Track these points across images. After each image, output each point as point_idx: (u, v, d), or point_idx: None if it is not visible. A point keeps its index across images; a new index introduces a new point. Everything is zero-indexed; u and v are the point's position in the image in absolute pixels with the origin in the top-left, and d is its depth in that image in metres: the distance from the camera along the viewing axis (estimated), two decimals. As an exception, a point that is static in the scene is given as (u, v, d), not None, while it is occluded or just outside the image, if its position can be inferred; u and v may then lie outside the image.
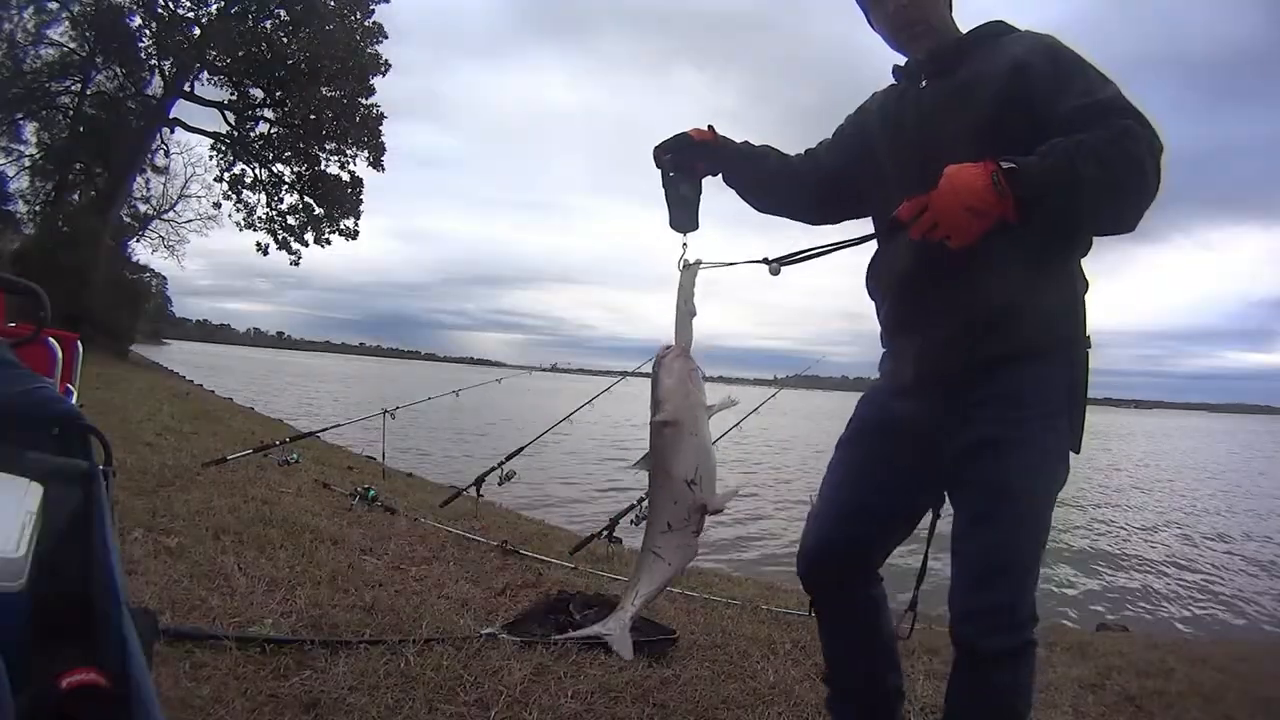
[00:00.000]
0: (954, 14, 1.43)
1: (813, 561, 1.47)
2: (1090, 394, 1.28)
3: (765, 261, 1.38)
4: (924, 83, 1.39)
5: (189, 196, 24.20)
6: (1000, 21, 1.38)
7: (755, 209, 1.61)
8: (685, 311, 1.37)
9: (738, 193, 1.57)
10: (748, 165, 1.54)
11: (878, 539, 1.46)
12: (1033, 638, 1.25)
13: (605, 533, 3.64)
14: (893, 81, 1.50)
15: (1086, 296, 1.32)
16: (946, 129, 1.31)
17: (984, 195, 1.10)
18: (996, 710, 1.27)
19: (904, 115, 1.41)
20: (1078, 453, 1.30)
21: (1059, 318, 1.28)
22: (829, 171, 1.53)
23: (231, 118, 22.83)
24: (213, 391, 15.45)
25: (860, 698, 1.52)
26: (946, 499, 1.39)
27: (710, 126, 1.51)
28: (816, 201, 1.58)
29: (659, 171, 1.48)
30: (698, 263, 1.39)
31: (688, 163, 1.47)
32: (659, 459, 1.30)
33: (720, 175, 1.53)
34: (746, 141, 1.56)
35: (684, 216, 1.46)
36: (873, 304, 1.52)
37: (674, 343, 1.36)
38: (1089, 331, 1.31)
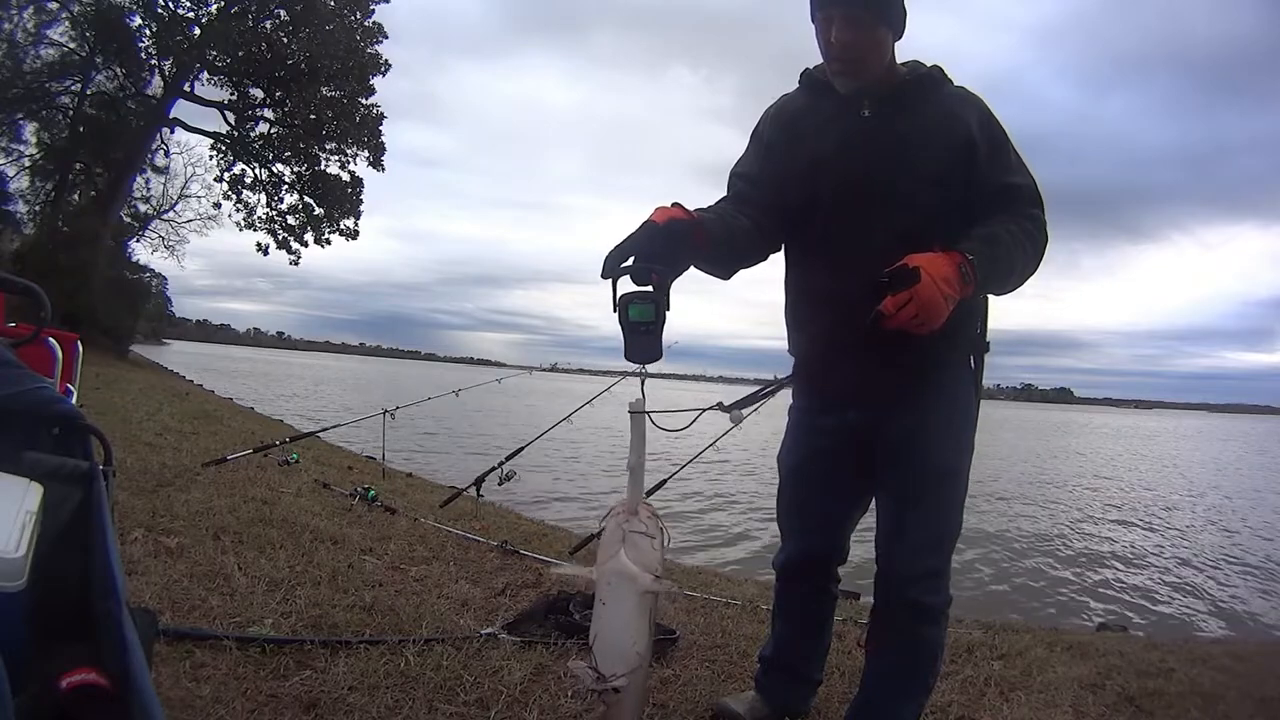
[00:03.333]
0: (895, 54, 1.47)
1: (794, 564, 1.74)
2: (1090, 394, 1.46)
3: (721, 407, 1.48)
4: (866, 113, 1.45)
5: (189, 196, 24.23)
6: (938, 67, 1.50)
7: (719, 278, 1.49)
8: (637, 463, 1.18)
9: (706, 270, 1.44)
10: (723, 237, 1.38)
11: (842, 539, 1.71)
12: (951, 596, 1.54)
13: (605, 533, 3.64)
14: (798, 87, 1.56)
15: (989, 309, 1.54)
16: (904, 167, 1.42)
17: (956, 285, 1.26)
18: (929, 660, 1.54)
19: (855, 142, 1.45)
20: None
21: (971, 332, 1.51)
22: (768, 205, 1.51)
23: (231, 118, 22.86)
24: (213, 391, 15.45)
25: (791, 673, 1.79)
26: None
27: (676, 203, 1.30)
28: (766, 244, 1.54)
29: (611, 289, 1.18)
30: (643, 411, 1.17)
31: (654, 265, 1.20)
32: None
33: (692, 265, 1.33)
34: (704, 211, 1.39)
35: (647, 344, 1.17)
36: (790, 326, 1.62)
37: (627, 499, 1.20)
38: (988, 337, 1.55)
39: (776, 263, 1.64)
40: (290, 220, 23.61)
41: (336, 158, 23.11)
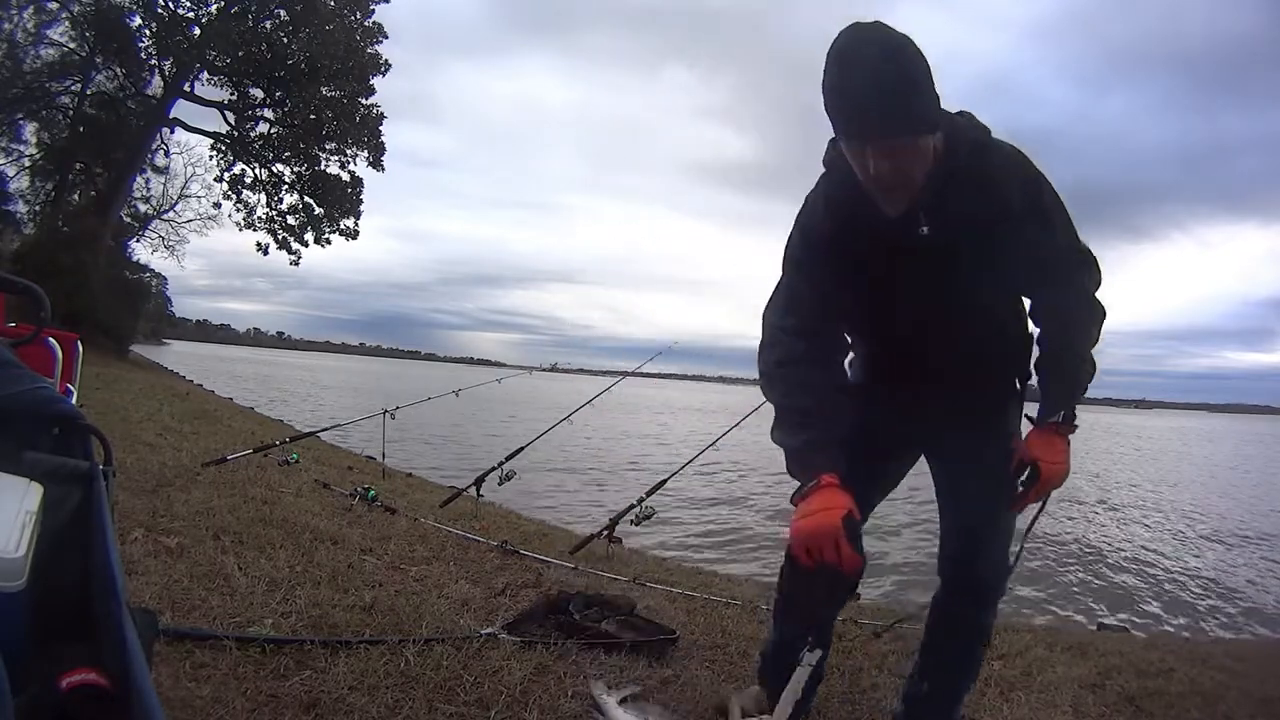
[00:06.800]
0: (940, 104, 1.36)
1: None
2: (1090, 394, 1.61)
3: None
4: (924, 229, 1.38)
5: (189, 196, 24.22)
6: (978, 132, 1.41)
7: None
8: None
9: None
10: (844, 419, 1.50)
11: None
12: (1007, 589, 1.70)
13: (605, 532, 3.65)
14: (823, 210, 1.48)
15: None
16: (960, 268, 1.43)
17: (1064, 443, 1.52)
18: (984, 643, 1.74)
19: (918, 261, 1.43)
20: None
21: (1016, 370, 1.65)
22: (832, 323, 1.57)
23: (231, 118, 22.84)
24: (212, 391, 15.45)
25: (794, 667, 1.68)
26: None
27: (828, 482, 1.40)
28: (843, 350, 1.66)
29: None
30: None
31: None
32: None
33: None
34: (824, 433, 1.47)
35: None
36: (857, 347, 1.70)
37: None
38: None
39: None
40: (290, 220, 23.61)
41: (336, 158, 23.12)
